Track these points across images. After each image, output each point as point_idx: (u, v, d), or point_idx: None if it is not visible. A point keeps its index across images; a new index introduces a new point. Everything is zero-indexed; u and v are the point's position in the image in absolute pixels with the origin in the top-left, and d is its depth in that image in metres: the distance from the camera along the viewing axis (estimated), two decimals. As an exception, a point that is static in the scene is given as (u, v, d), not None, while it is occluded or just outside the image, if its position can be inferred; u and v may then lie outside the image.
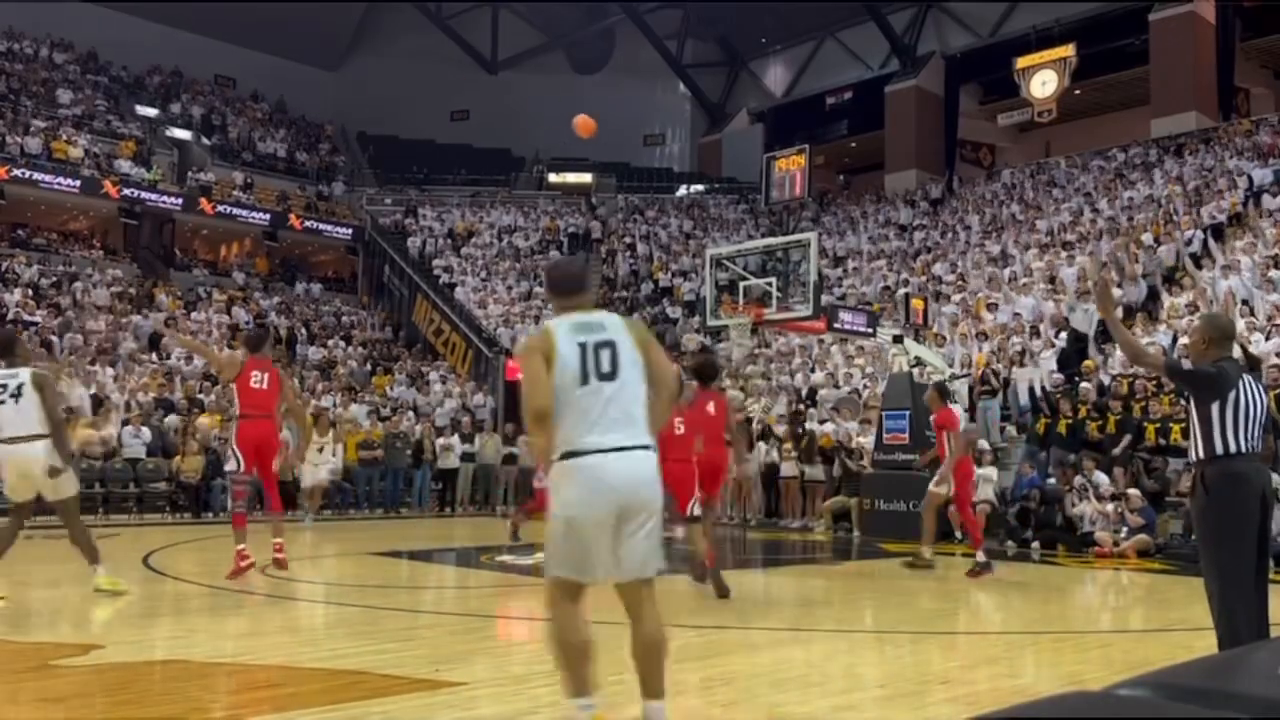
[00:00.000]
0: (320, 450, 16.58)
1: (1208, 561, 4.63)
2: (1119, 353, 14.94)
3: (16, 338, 8.02)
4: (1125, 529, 11.43)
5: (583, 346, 3.64)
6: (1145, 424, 12.85)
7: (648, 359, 3.75)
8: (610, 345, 3.67)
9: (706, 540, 7.88)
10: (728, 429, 8.21)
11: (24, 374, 6.95)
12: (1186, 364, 4.59)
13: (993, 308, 18.76)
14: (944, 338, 18.15)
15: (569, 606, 3.66)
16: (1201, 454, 4.63)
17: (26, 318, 21.11)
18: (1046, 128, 29.26)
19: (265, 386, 8.30)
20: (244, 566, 8.13)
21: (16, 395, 6.85)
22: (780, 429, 16.61)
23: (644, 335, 3.85)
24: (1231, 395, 4.57)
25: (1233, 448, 4.55)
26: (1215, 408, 4.57)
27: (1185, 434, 12.32)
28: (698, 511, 7.78)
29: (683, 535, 8.04)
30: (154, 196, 27.61)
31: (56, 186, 25.97)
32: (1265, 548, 4.60)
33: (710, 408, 8.06)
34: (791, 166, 28.79)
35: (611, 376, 3.63)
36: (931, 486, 10.17)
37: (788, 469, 15.98)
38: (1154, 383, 13.46)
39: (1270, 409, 4.73)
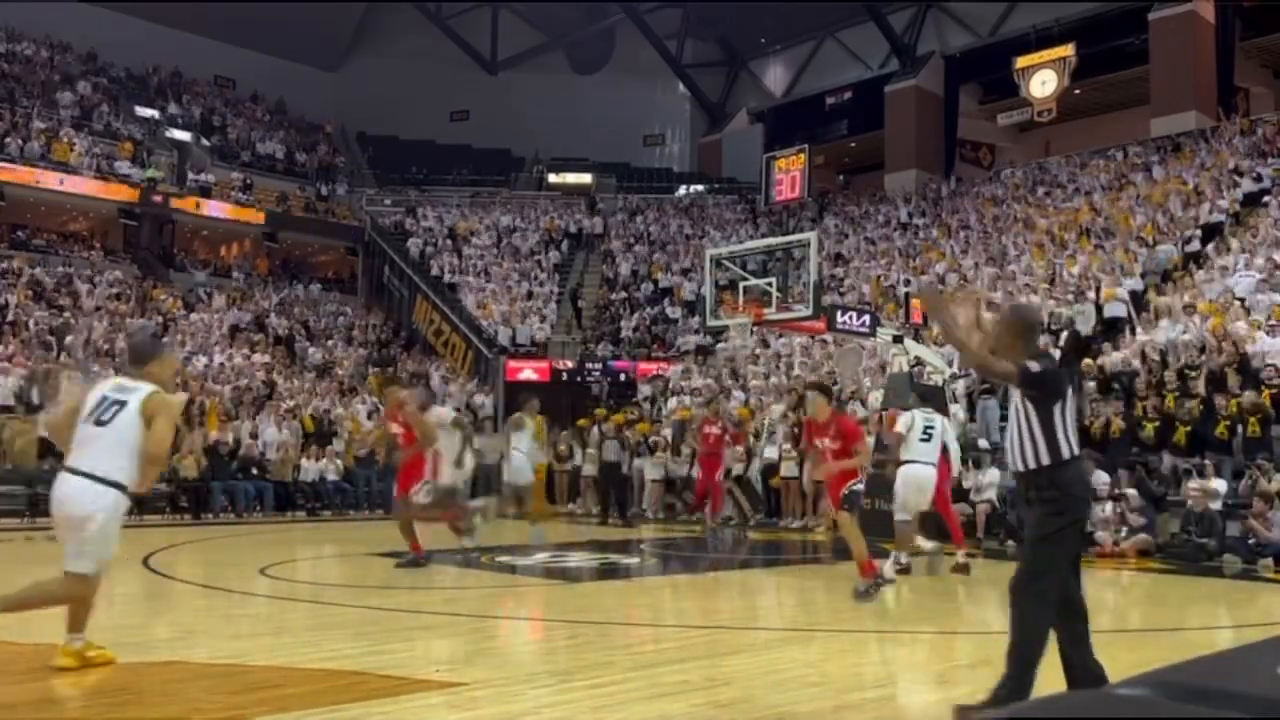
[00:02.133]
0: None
1: (1039, 561, 4.25)
2: (1119, 353, 14.95)
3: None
4: (1125, 529, 11.43)
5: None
6: (1144, 423, 12.85)
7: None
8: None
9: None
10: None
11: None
12: (1035, 366, 4.19)
13: (993, 308, 18.75)
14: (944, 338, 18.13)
15: None
16: (1046, 459, 4.18)
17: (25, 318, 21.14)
18: (1046, 127, 29.25)
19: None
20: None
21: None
22: (780, 429, 16.62)
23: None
24: (1068, 393, 4.27)
25: (1076, 450, 4.24)
26: (1057, 409, 4.19)
27: (1188, 435, 12.43)
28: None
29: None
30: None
31: (56, 187, 25.99)
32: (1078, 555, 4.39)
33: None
34: (791, 166, 28.81)
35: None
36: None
37: (787, 469, 15.99)
38: (1153, 382, 13.46)
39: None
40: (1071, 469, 4.20)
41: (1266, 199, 19.33)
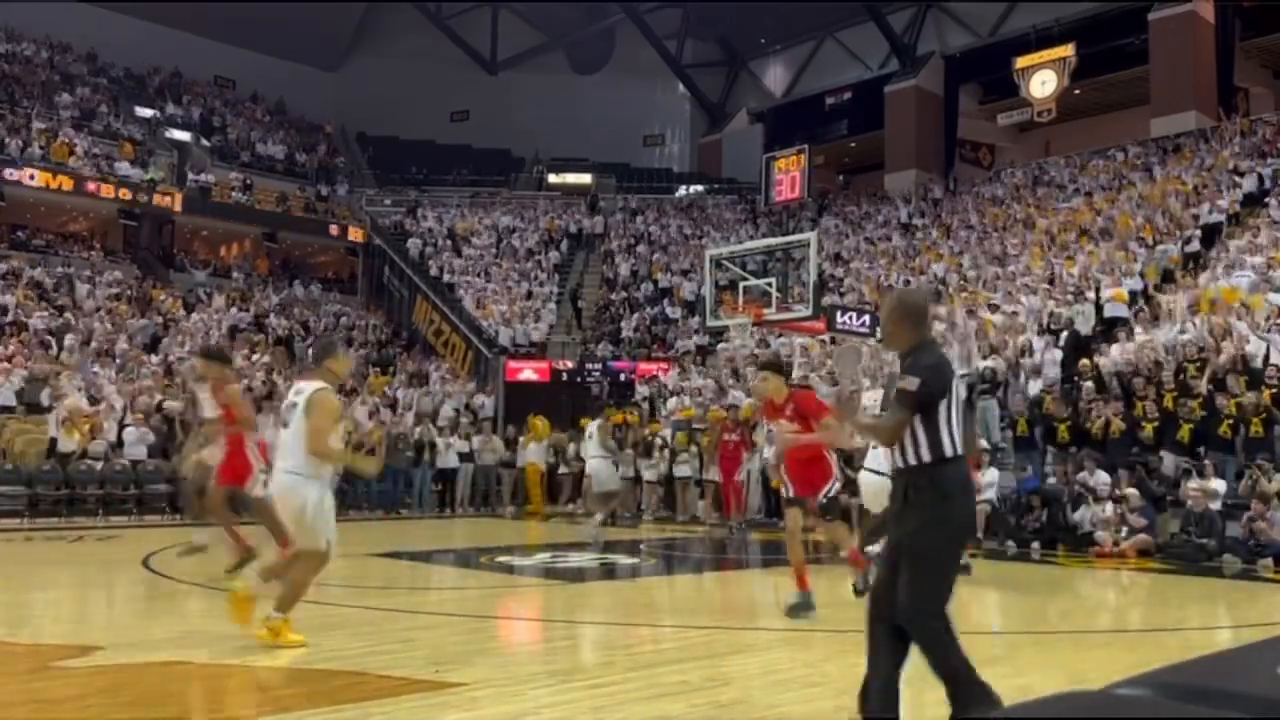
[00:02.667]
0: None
1: (931, 582, 3.77)
2: (1119, 352, 14.94)
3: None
4: (1125, 529, 11.43)
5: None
6: (1144, 423, 12.84)
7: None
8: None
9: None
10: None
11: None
12: (913, 384, 3.79)
13: (993, 308, 18.76)
14: (943, 337, 18.14)
15: None
16: (927, 456, 3.79)
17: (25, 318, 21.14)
18: (1046, 127, 29.25)
19: None
20: None
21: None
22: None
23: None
24: (954, 388, 3.90)
25: (960, 448, 3.85)
26: (942, 406, 3.82)
27: (1191, 433, 12.43)
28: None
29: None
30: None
31: (56, 187, 26.00)
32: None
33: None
34: (791, 167, 28.82)
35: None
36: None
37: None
38: (1153, 382, 13.45)
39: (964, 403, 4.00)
40: (952, 467, 3.82)
41: (1267, 199, 19.34)
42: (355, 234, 31.19)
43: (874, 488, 8.89)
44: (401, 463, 18.62)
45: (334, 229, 30.93)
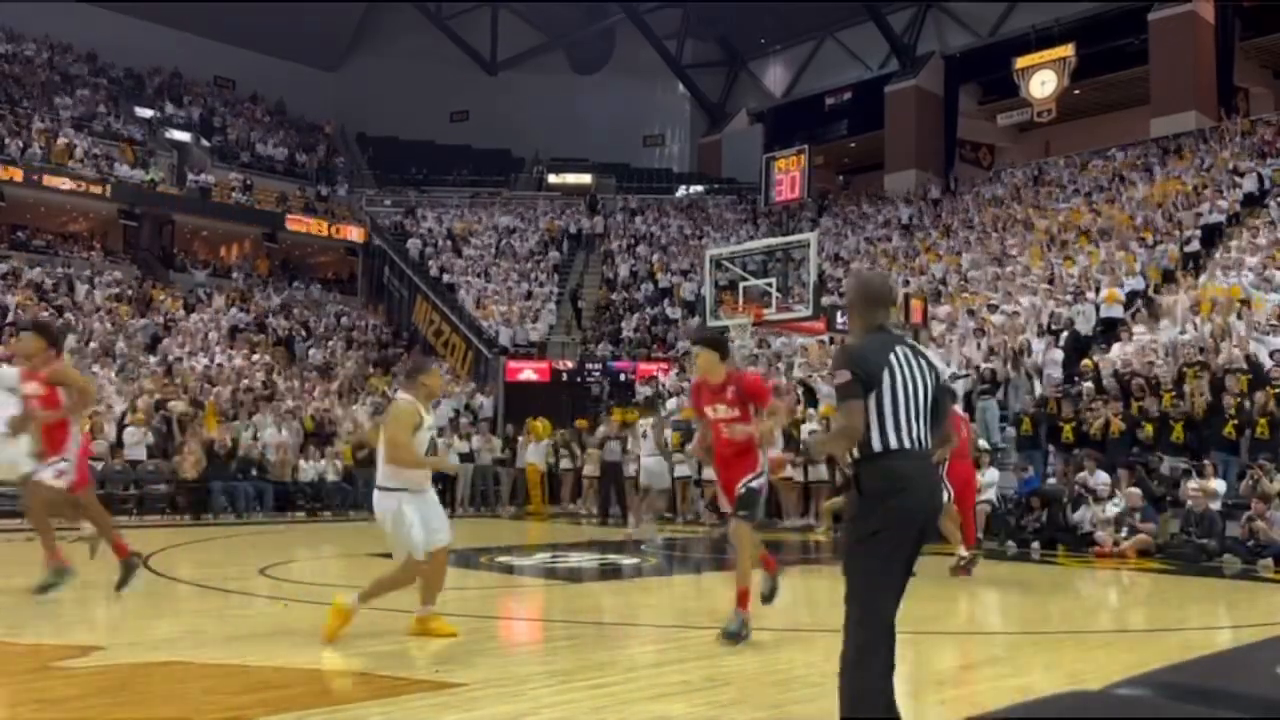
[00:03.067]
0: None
1: (849, 584, 3.54)
2: (1119, 352, 14.94)
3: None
4: (1125, 529, 11.43)
5: None
6: (1145, 423, 12.85)
7: None
8: None
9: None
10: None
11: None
12: (838, 379, 3.58)
13: (993, 308, 18.77)
14: (943, 338, 18.15)
15: None
16: (867, 449, 3.56)
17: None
18: (1046, 128, 29.26)
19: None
20: None
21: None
22: (779, 430, 16.57)
23: None
24: (885, 378, 3.56)
25: (905, 443, 3.53)
26: (873, 396, 3.54)
27: (1189, 435, 12.42)
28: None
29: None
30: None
31: (56, 188, 26.01)
32: (908, 574, 3.62)
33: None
34: (791, 167, 28.82)
35: None
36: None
37: (788, 470, 15.97)
38: (1153, 382, 13.46)
39: (936, 391, 3.67)
40: (884, 462, 3.53)
41: (1266, 199, 19.34)
42: (348, 232, 31.16)
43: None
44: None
45: (314, 226, 30.70)
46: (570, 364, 25.47)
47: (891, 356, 3.59)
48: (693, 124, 38.19)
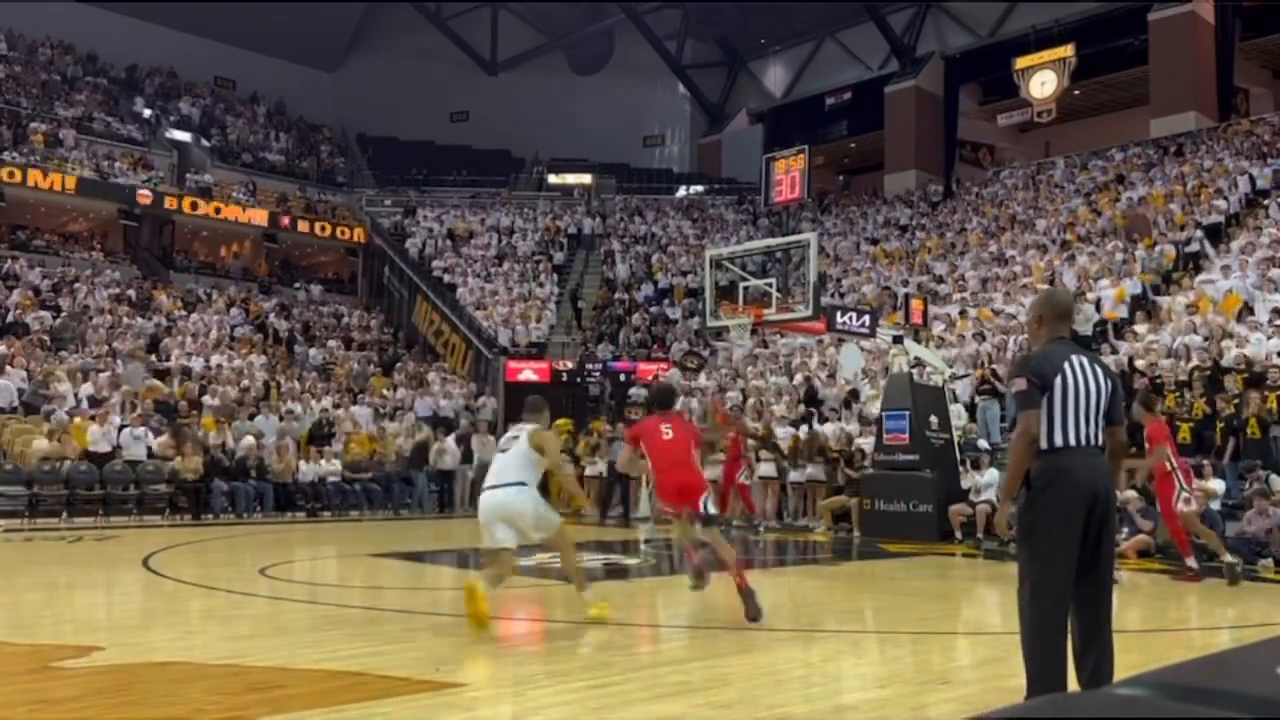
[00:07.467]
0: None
1: (1019, 558, 4.09)
2: (1118, 353, 14.95)
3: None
4: (1125, 529, 11.42)
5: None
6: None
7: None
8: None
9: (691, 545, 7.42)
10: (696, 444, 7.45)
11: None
12: (1017, 386, 4.06)
13: (995, 311, 18.77)
14: (943, 338, 18.16)
15: None
16: (1042, 445, 4.03)
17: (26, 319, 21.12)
18: (1046, 128, 29.27)
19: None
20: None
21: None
22: (780, 432, 16.58)
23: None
24: (1057, 383, 3.99)
25: (1071, 440, 3.97)
26: (1044, 400, 3.99)
27: (1192, 432, 12.41)
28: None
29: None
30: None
31: (56, 188, 26.00)
32: (1093, 559, 4.00)
33: (666, 432, 7.23)
34: (791, 167, 28.82)
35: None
36: (1181, 508, 9.43)
37: (794, 475, 16.02)
38: (1153, 383, 13.45)
39: (1110, 396, 4.07)
40: (1049, 458, 3.97)
41: (1266, 199, 19.34)
42: (348, 232, 31.15)
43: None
44: (401, 464, 18.67)
45: (310, 226, 30.74)
46: (570, 364, 25.48)
47: (1066, 364, 4.02)
48: (693, 124, 38.18)
